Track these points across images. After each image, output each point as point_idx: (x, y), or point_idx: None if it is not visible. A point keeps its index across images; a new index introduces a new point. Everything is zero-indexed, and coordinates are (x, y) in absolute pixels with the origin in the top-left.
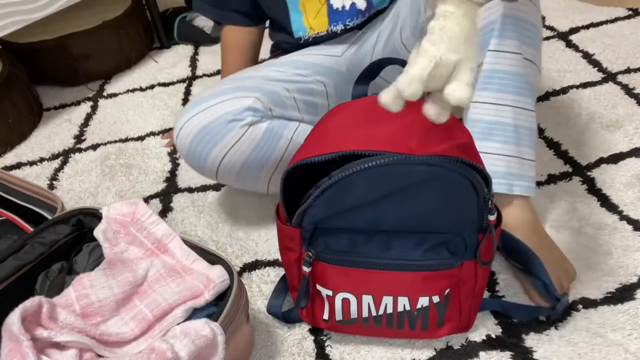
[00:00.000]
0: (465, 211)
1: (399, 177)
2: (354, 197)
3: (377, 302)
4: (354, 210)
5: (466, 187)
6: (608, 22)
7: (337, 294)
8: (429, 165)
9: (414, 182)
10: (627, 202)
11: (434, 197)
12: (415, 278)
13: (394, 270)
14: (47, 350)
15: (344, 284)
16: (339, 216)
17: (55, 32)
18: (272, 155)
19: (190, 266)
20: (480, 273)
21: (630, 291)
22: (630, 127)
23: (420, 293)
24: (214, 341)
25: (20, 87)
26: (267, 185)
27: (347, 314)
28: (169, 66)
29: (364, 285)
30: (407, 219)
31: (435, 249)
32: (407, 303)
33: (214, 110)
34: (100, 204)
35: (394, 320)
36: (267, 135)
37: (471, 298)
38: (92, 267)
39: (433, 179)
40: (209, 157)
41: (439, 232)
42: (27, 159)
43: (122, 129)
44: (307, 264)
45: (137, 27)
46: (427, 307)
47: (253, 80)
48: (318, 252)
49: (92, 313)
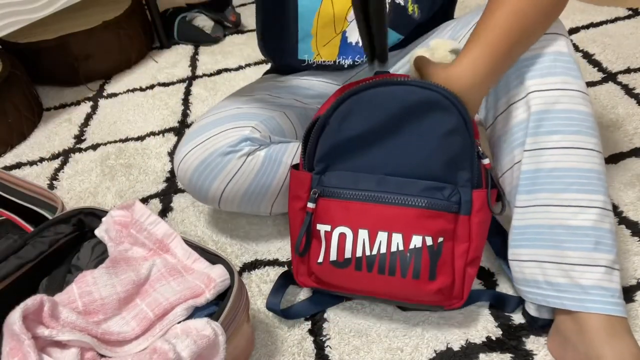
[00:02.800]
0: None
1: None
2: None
3: (372, 238)
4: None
5: (459, 121)
6: (608, 22)
7: (335, 228)
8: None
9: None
10: (627, 202)
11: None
12: (410, 213)
13: (391, 204)
14: (49, 349)
15: (342, 217)
16: (342, 154)
17: (55, 32)
18: (273, 182)
19: (191, 265)
20: (474, 235)
21: (629, 293)
22: (630, 127)
23: (414, 230)
24: (215, 341)
25: (20, 87)
26: (270, 209)
27: (342, 252)
28: (169, 66)
29: (361, 218)
30: (406, 162)
31: (431, 190)
32: (401, 241)
33: (211, 142)
34: (100, 204)
35: (387, 263)
36: (267, 163)
37: (464, 262)
38: (95, 263)
39: (430, 103)
40: (210, 190)
41: (435, 179)
42: (27, 159)
43: (122, 129)
44: (312, 200)
45: (137, 27)
46: (420, 249)
47: (250, 105)
48: (323, 189)
49: (94, 310)
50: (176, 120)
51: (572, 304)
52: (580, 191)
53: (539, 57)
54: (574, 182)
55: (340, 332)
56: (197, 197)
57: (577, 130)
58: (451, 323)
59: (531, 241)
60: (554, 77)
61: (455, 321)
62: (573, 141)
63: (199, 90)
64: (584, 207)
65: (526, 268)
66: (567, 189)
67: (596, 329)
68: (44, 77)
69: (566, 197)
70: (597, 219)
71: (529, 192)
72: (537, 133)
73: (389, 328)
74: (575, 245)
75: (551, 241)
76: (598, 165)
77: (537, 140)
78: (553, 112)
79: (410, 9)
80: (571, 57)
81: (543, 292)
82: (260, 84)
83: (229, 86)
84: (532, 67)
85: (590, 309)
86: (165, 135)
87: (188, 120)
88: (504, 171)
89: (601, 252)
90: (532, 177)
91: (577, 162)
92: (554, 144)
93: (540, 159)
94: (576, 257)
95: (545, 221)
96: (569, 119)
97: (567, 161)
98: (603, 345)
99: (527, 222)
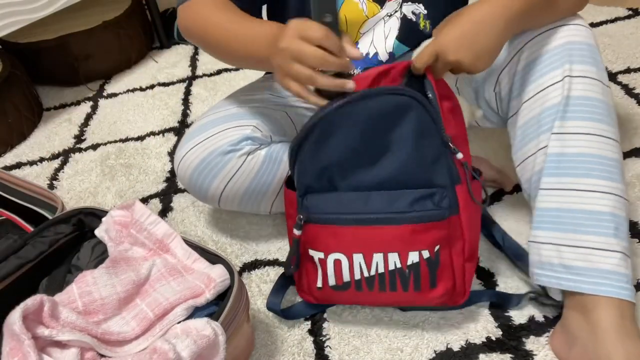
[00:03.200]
0: (433, 151)
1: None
2: (336, 144)
3: (368, 261)
4: (337, 165)
5: (428, 120)
6: (608, 22)
7: (329, 255)
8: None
9: (384, 114)
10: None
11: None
12: (404, 231)
13: (382, 224)
14: (49, 349)
15: (333, 244)
16: (320, 176)
17: (55, 32)
18: (273, 181)
19: (191, 265)
20: (467, 231)
21: None
22: (630, 127)
23: (410, 247)
24: (215, 341)
25: (20, 87)
26: (270, 208)
27: (340, 277)
28: (169, 66)
29: (353, 243)
30: (388, 173)
31: (419, 201)
32: (398, 260)
33: (211, 141)
34: (100, 204)
35: (386, 281)
36: (267, 162)
37: (462, 259)
38: (94, 263)
39: (399, 108)
40: (210, 189)
41: (421, 183)
42: (27, 159)
43: (122, 129)
44: (297, 227)
45: (137, 27)
46: (418, 263)
47: (251, 105)
48: (308, 214)
49: (94, 310)
50: (176, 120)
51: (589, 287)
52: (601, 177)
53: (574, 44)
54: (596, 169)
55: (340, 332)
56: (197, 196)
57: (601, 119)
58: (451, 323)
59: (551, 224)
60: (586, 66)
61: (455, 321)
62: (598, 129)
63: (199, 90)
64: (604, 192)
65: (544, 250)
66: (589, 174)
67: (607, 326)
68: (44, 77)
69: (588, 182)
70: (615, 205)
71: (554, 175)
72: (565, 117)
73: (388, 328)
74: (595, 229)
75: (571, 225)
76: (617, 154)
77: (564, 125)
78: (583, 98)
79: (422, 25)
80: (597, 49)
81: (557, 275)
82: (262, 83)
83: (229, 86)
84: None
85: (608, 293)
86: (165, 135)
87: (188, 120)
88: (527, 157)
89: (619, 239)
90: (557, 160)
91: (599, 149)
92: (580, 129)
93: (566, 143)
94: (596, 242)
95: (566, 205)
96: (596, 107)
97: (591, 147)
98: (615, 344)
99: (549, 205)
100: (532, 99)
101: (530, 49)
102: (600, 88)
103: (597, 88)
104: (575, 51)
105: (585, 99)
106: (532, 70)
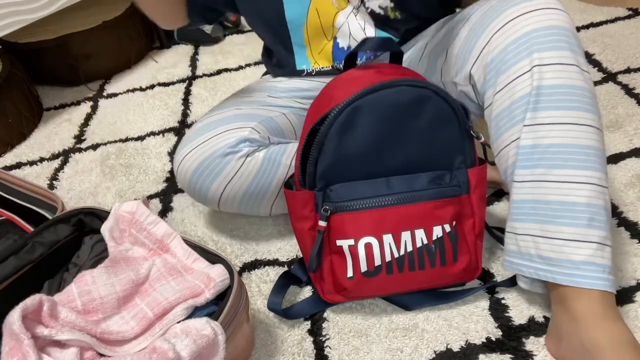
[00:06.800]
0: (450, 139)
1: (392, 101)
2: (360, 133)
3: (397, 240)
4: (358, 156)
5: (448, 110)
6: (608, 22)
7: (359, 240)
8: (418, 87)
9: (406, 104)
10: (627, 202)
11: (423, 122)
12: (426, 207)
13: (406, 203)
14: (48, 348)
15: (363, 228)
16: (344, 167)
17: (55, 32)
18: (272, 182)
19: (190, 265)
20: (477, 209)
21: (629, 294)
22: (630, 127)
23: (433, 222)
24: (215, 341)
25: (20, 87)
26: (270, 210)
27: (371, 261)
28: (169, 66)
29: (382, 224)
30: (405, 160)
31: (435, 180)
32: (424, 235)
33: (210, 143)
34: (100, 204)
35: (415, 259)
36: (266, 164)
37: (474, 235)
38: (93, 262)
39: (420, 99)
40: (209, 191)
41: (432, 167)
42: (27, 159)
43: (122, 129)
44: (323, 218)
45: (137, 27)
46: (442, 237)
47: (249, 107)
48: (335, 205)
49: (93, 309)
50: (176, 120)
51: (563, 278)
52: (577, 167)
53: (541, 30)
54: (572, 159)
55: (340, 331)
56: (197, 199)
57: (577, 107)
58: (451, 323)
59: (527, 215)
60: (556, 52)
61: (455, 322)
62: (573, 117)
63: (199, 90)
64: (579, 183)
65: (521, 241)
66: (564, 165)
67: (587, 314)
68: (44, 77)
69: (563, 173)
70: (591, 195)
71: (526, 167)
72: (537, 108)
73: (388, 328)
74: (569, 221)
75: (546, 216)
76: (595, 141)
77: (536, 116)
78: (555, 87)
79: (392, 16)
80: (570, 31)
81: (535, 266)
82: (260, 84)
83: (229, 86)
84: (535, 41)
85: (580, 284)
86: (165, 135)
87: (188, 120)
88: (501, 149)
89: (594, 229)
90: (530, 152)
91: (574, 138)
92: (552, 119)
93: (539, 134)
94: (569, 233)
95: (541, 196)
96: (571, 94)
97: (566, 137)
98: (597, 331)
99: (524, 197)
100: (502, 91)
101: (498, 39)
102: (577, 73)
103: (573, 74)
104: (544, 37)
105: (559, 87)
106: (502, 60)
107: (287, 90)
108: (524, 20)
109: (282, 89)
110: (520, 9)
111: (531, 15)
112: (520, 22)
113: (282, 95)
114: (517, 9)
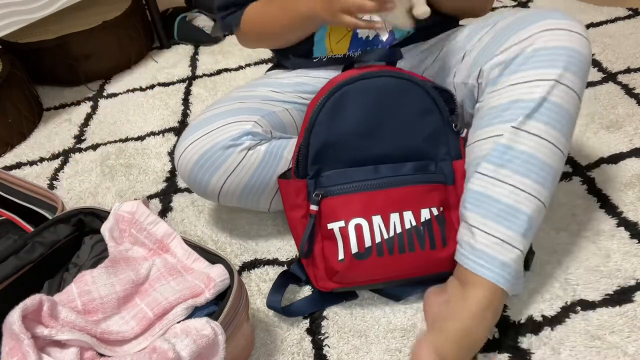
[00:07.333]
0: (433, 129)
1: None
2: (348, 116)
3: (387, 222)
4: (348, 140)
5: (430, 102)
6: (608, 22)
7: (350, 222)
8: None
9: (391, 93)
10: (627, 202)
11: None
12: (412, 190)
13: (393, 186)
14: (48, 348)
15: (353, 210)
16: (335, 151)
17: (55, 32)
18: (273, 176)
19: (190, 265)
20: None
21: (628, 294)
22: (630, 127)
23: (421, 205)
24: (215, 341)
25: (20, 87)
26: (269, 205)
27: (362, 242)
28: (169, 66)
29: (371, 206)
30: (391, 148)
31: (420, 168)
32: (412, 218)
33: (212, 135)
34: (100, 204)
35: (405, 241)
36: (267, 158)
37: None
38: (92, 262)
39: (404, 90)
40: (210, 184)
41: (417, 157)
42: (27, 159)
43: (122, 129)
44: (315, 202)
45: (137, 27)
46: (430, 220)
47: (253, 101)
48: (326, 189)
49: (93, 309)
50: (176, 120)
51: (460, 258)
52: (536, 182)
53: (572, 51)
54: (535, 172)
55: (339, 330)
56: (197, 191)
57: (560, 129)
58: None
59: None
60: (574, 78)
61: None
62: (553, 137)
63: (199, 90)
64: (533, 196)
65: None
66: (527, 175)
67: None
68: (44, 77)
69: (524, 182)
70: (535, 209)
71: (494, 164)
72: (532, 117)
73: (387, 329)
74: (511, 225)
75: (492, 213)
76: (559, 165)
77: (527, 122)
78: (556, 105)
79: None
80: (587, 58)
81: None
82: (264, 80)
83: (229, 86)
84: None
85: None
86: (165, 135)
87: (188, 120)
88: (477, 140)
89: (525, 239)
90: (503, 151)
91: (545, 155)
92: (538, 131)
93: (518, 139)
94: (507, 235)
95: (495, 194)
96: (563, 117)
97: (540, 152)
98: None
99: (479, 189)
100: (507, 88)
101: (520, 46)
102: (576, 100)
103: (573, 100)
104: (574, 59)
105: (559, 107)
106: (529, 60)
107: (291, 85)
108: (549, 35)
109: (287, 84)
110: (546, 25)
111: (558, 33)
112: (545, 36)
113: (286, 90)
114: (544, 24)
